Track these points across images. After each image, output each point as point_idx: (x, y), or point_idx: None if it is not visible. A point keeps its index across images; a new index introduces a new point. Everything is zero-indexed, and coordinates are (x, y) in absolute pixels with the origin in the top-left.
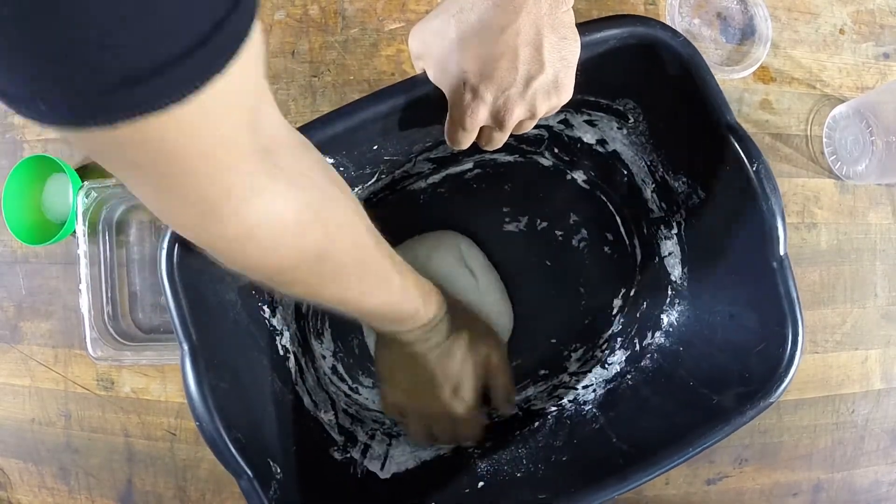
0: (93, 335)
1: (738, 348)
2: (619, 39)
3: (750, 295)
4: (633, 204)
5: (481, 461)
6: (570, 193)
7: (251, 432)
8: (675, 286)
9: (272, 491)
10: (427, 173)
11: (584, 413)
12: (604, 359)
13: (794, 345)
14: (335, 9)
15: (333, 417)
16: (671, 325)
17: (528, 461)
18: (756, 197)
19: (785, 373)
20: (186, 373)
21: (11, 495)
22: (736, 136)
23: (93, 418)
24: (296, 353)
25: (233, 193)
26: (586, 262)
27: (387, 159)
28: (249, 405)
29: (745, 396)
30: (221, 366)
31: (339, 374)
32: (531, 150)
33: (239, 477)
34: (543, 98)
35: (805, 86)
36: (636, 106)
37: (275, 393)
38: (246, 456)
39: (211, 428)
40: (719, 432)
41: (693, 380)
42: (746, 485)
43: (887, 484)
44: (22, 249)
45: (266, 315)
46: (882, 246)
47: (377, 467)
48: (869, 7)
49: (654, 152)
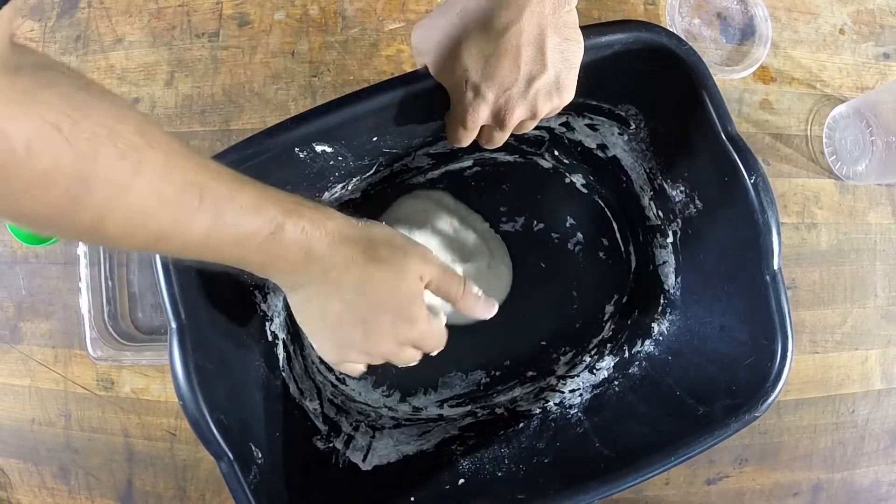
0: (93, 335)
1: (726, 360)
2: (623, 44)
3: (741, 308)
4: (630, 210)
5: (464, 459)
6: (568, 196)
7: (235, 415)
8: (668, 295)
9: (252, 475)
10: (426, 168)
11: (569, 416)
12: (592, 364)
13: (783, 360)
14: (335, 9)
15: (319, 406)
16: (661, 334)
17: (509, 461)
18: (753, 209)
19: (772, 388)
20: (173, 351)
21: (11, 495)
22: (736, 147)
23: (93, 418)
24: (285, 340)
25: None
26: (581, 266)
27: (386, 152)
28: (235, 388)
29: (731, 409)
30: (209, 347)
31: (326, 364)
32: (531, 151)
33: (219, 458)
34: (545, 98)
35: (805, 86)
36: (638, 112)
37: (261, 378)
38: (228, 438)
39: (193, 407)
40: (703, 443)
41: (680, 389)
42: (746, 485)
43: (887, 484)
44: (22, 249)
45: (257, 300)
46: (882, 246)
47: (359, 459)
48: (869, 7)
49: (654, 159)
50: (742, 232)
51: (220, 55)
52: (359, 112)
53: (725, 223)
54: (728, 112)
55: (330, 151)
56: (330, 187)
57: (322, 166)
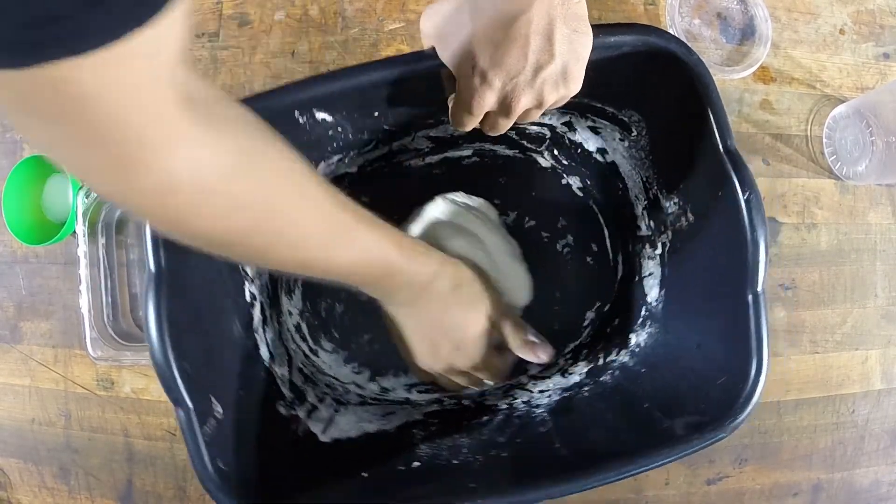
0: (93, 335)
1: (699, 378)
2: (631, 46)
3: (721, 327)
4: (623, 219)
5: (423, 443)
6: (562, 197)
7: (201, 367)
8: (650, 308)
9: (208, 428)
10: (425, 152)
11: (534, 415)
12: (565, 367)
13: (755, 383)
14: (335, 9)
15: (287, 373)
16: (638, 346)
17: (468, 450)
18: (742, 227)
19: (741, 409)
20: (147, 296)
21: (11, 495)
22: (733, 162)
23: (93, 418)
24: (263, 303)
25: (152, 141)
26: (567, 269)
27: (386, 129)
28: (205, 341)
29: (697, 426)
30: (185, 297)
31: (301, 334)
32: (531, 148)
33: (178, 405)
34: (552, 88)
35: (805, 86)
36: (641, 119)
37: (233, 336)
38: (190, 387)
39: (160, 352)
40: (662, 456)
41: (649, 402)
42: (746, 485)
43: (887, 484)
44: (22, 249)
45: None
46: (882, 246)
47: (319, 430)
48: (869, 7)
49: (652, 168)
50: (730, 249)
51: (221, 55)
52: (363, 83)
53: (715, 239)
54: (729, 125)
55: (330, 121)
56: (327, 158)
57: (321, 135)
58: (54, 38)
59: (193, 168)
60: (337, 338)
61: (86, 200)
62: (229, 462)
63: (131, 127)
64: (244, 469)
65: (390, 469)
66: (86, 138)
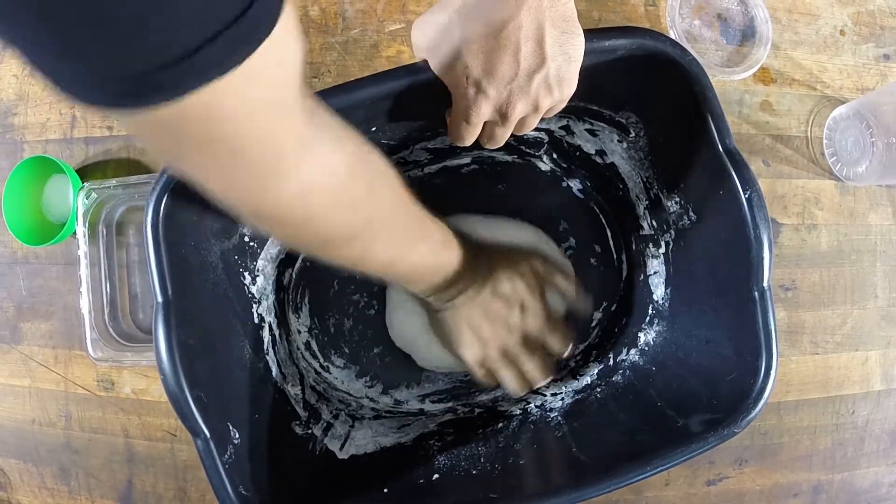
0: (93, 336)
1: (710, 374)
2: (627, 50)
3: (728, 323)
4: (624, 219)
5: (440, 454)
6: (563, 200)
7: (215, 393)
8: (657, 306)
9: (228, 454)
10: (424, 163)
11: (548, 420)
12: (576, 369)
13: (766, 378)
14: (335, 10)
15: (300, 392)
16: (647, 344)
17: (485, 460)
18: (746, 224)
19: (753, 404)
20: (157, 325)
21: (11, 495)
22: (733, 161)
23: (93, 419)
24: (271, 323)
25: (288, 151)
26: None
27: (384, 143)
28: (217, 367)
29: (711, 423)
30: (194, 324)
31: (311, 351)
32: (530, 153)
33: (196, 435)
34: (546, 92)
35: (805, 87)
36: (638, 120)
37: (244, 359)
38: (206, 415)
39: (173, 382)
40: (679, 455)
41: (661, 401)
42: (746, 486)
43: (887, 485)
44: (22, 250)
45: (246, 282)
46: (882, 247)
47: (336, 447)
48: (869, 8)
49: (652, 169)
50: (734, 246)
51: None
52: (360, 98)
53: (718, 237)
54: (727, 125)
55: None
56: None
57: None
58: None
59: (325, 169)
60: (347, 353)
61: (86, 201)
62: (250, 488)
63: (270, 138)
64: (266, 493)
65: (410, 483)
66: (232, 156)
